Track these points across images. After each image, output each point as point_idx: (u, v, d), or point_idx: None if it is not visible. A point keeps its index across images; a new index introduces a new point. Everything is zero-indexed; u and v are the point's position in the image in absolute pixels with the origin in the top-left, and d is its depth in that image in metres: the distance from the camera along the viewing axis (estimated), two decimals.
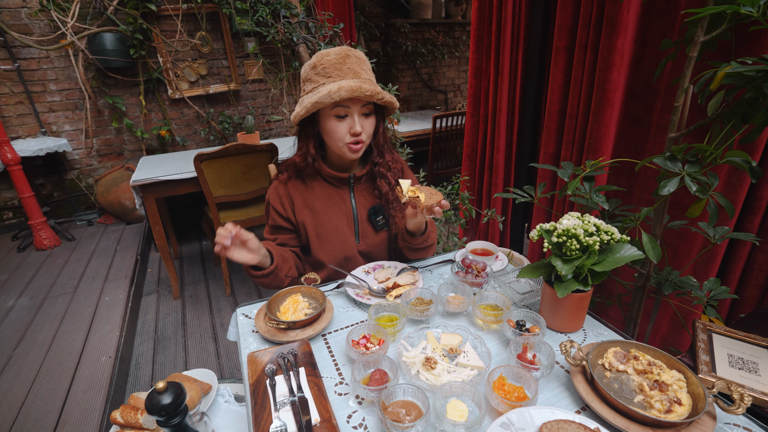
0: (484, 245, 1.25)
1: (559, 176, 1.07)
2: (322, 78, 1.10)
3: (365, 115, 1.13)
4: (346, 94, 1.04)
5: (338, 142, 1.14)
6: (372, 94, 1.07)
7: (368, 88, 1.06)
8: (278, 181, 1.26)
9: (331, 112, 1.10)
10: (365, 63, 1.14)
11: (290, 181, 1.24)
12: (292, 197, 1.24)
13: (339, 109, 1.09)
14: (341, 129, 1.12)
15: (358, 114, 1.11)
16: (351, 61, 1.10)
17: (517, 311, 0.94)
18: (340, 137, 1.13)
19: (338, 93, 1.03)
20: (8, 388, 1.77)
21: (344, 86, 1.04)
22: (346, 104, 1.09)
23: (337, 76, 1.08)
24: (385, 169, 1.24)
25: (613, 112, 1.59)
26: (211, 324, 2.44)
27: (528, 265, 0.98)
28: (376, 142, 1.23)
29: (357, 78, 1.09)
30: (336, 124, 1.11)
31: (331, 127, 1.12)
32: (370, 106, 1.13)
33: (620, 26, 1.45)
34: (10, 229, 3.60)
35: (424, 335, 0.91)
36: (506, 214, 2.30)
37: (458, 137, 3.54)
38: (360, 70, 1.11)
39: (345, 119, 1.11)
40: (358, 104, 1.10)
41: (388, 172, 1.24)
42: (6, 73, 3.30)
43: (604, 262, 0.86)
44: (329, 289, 1.13)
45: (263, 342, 0.93)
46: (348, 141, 1.13)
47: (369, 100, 1.10)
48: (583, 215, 0.90)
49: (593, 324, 0.97)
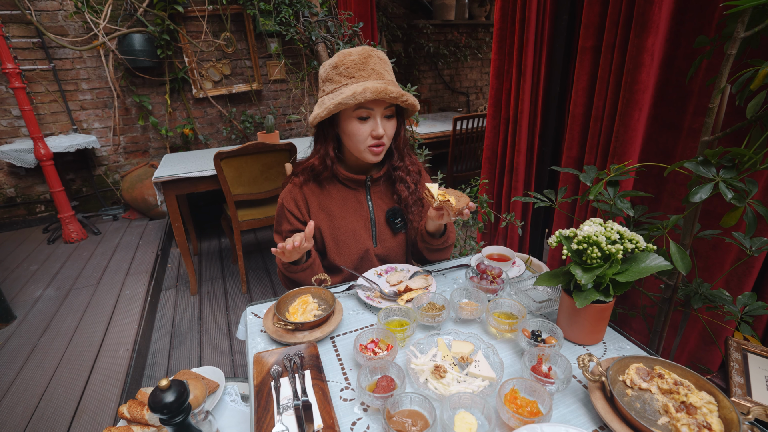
0: (500, 250, 1.21)
1: (581, 180, 1.02)
2: (344, 78, 1.07)
3: (388, 117, 1.11)
4: (372, 96, 1.01)
5: (359, 144, 1.11)
6: (397, 96, 1.05)
7: (393, 90, 1.04)
8: (292, 184, 1.23)
9: (354, 114, 1.08)
10: (387, 64, 1.12)
11: (306, 185, 1.22)
12: (307, 200, 1.22)
13: (362, 110, 1.07)
14: (363, 131, 1.09)
15: (381, 116, 1.09)
16: (374, 61, 1.08)
17: (533, 321, 0.90)
18: (361, 140, 1.10)
19: (363, 94, 1.01)
20: (32, 375, 1.83)
21: (369, 87, 1.01)
22: (370, 106, 1.06)
23: (360, 76, 1.06)
24: (405, 173, 1.22)
25: (641, 114, 1.52)
26: (227, 320, 2.47)
27: (545, 273, 0.94)
28: (396, 145, 1.20)
29: (381, 79, 1.07)
30: (358, 126, 1.08)
31: (353, 129, 1.09)
32: (393, 108, 1.11)
33: (651, 24, 1.39)
34: (42, 221, 3.75)
35: (434, 342, 0.88)
36: (526, 218, 2.24)
37: (479, 139, 3.48)
38: (383, 71, 1.09)
39: (367, 121, 1.09)
40: (381, 106, 1.07)
41: (408, 176, 1.22)
42: (43, 72, 3.45)
43: (628, 272, 0.81)
44: (340, 290, 1.11)
45: (271, 342, 0.92)
46: (370, 144, 1.10)
47: (393, 102, 1.07)
48: (606, 222, 0.85)
49: (614, 337, 0.91)
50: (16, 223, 3.69)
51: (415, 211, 1.25)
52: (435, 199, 1.01)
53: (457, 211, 1.00)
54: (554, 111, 1.99)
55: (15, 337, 2.11)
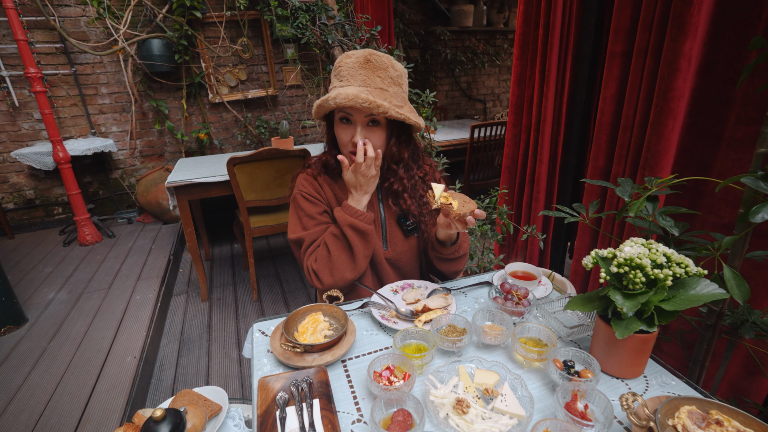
0: (525, 268, 1.12)
1: (619, 195, 0.93)
2: (336, 81, 1.06)
3: (372, 125, 1.05)
4: (343, 102, 0.97)
5: (342, 148, 1.10)
6: (371, 106, 0.97)
7: (366, 98, 0.96)
8: (306, 173, 1.19)
9: (338, 116, 1.07)
10: (388, 70, 1.03)
11: (319, 176, 1.19)
12: (323, 189, 1.18)
13: (342, 114, 1.05)
14: (344, 136, 1.07)
15: (362, 124, 1.04)
16: (368, 66, 1.02)
17: (565, 349, 0.81)
18: (343, 143, 1.09)
19: (335, 99, 0.98)
20: (39, 382, 1.81)
21: (342, 93, 0.97)
22: (349, 112, 1.03)
23: (346, 80, 1.03)
24: (399, 186, 1.15)
25: (675, 123, 1.42)
26: (236, 329, 2.42)
27: (578, 297, 0.85)
28: (385, 155, 1.12)
29: (365, 86, 1.01)
30: (341, 129, 1.07)
31: (337, 132, 1.09)
32: (379, 117, 1.04)
33: (689, 27, 1.30)
34: (59, 223, 3.79)
35: (455, 370, 0.80)
36: (547, 231, 2.14)
37: (497, 148, 3.39)
38: (374, 77, 1.02)
39: (350, 126, 1.06)
40: (361, 114, 1.02)
41: (403, 189, 1.15)
42: (64, 77, 3.50)
43: (675, 299, 0.72)
44: (353, 308, 1.04)
45: (278, 364, 0.86)
46: (350, 149, 1.07)
47: (369, 112, 1.01)
48: (649, 241, 0.76)
49: (656, 370, 0.82)
50: (34, 225, 3.74)
51: (429, 219, 1.18)
52: (436, 200, 0.95)
53: (458, 216, 0.94)
54: (579, 119, 1.90)
55: (25, 340, 2.10)
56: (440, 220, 1.03)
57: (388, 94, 1.02)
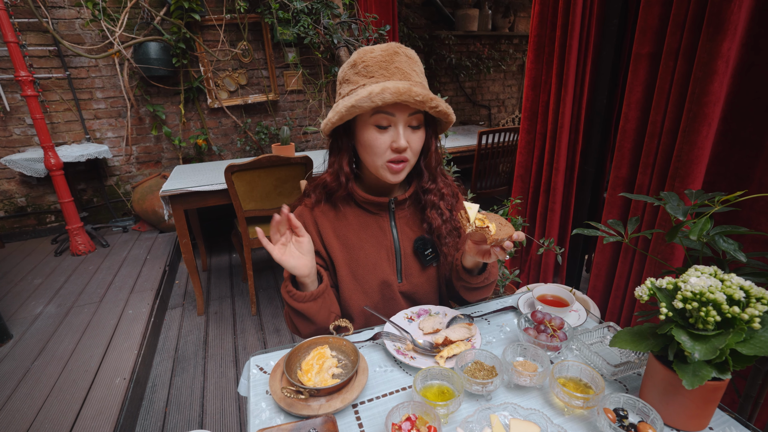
0: (555, 291, 1.01)
1: (669, 212, 0.82)
2: (362, 78, 0.89)
3: (413, 127, 0.91)
4: (391, 98, 0.82)
5: (377, 159, 0.91)
6: (424, 100, 0.85)
7: (420, 92, 0.84)
8: (303, 206, 1.04)
9: (371, 121, 0.89)
10: (417, 64, 0.93)
11: (318, 206, 1.02)
12: (319, 226, 1.02)
13: (380, 117, 0.87)
14: (382, 143, 0.89)
15: (404, 125, 0.89)
16: (400, 59, 0.89)
17: (615, 395, 0.69)
18: (379, 153, 0.90)
19: (381, 96, 0.82)
20: (20, 407, 1.68)
21: (389, 88, 0.82)
22: (390, 111, 0.87)
23: (381, 76, 0.87)
24: (437, 198, 1.01)
25: (710, 130, 1.31)
26: (234, 346, 2.29)
27: (626, 331, 0.73)
28: (426, 164, 1.00)
29: (407, 79, 0.88)
30: (376, 136, 0.89)
31: (370, 140, 0.90)
32: (420, 116, 0.91)
33: (728, 26, 1.19)
34: (52, 232, 3.66)
35: (486, 419, 0.69)
36: (563, 243, 2.03)
37: (504, 155, 3.29)
38: (410, 71, 0.90)
39: (387, 130, 0.89)
40: (404, 113, 0.88)
41: (441, 200, 1.01)
42: (58, 81, 3.39)
43: (754, 340, 0.60)
44: (363, 340, 0.92)
45: (278, 411, 0.74)
46: (389, 158, 0.91)
47: (419, 108, 0.88)
48: (718, 272, 0.65)
49: (723, 420, 0.70)
50: (26, 233, 3.61)
51: (450, 242, 1.03)
52: (471, 223, 0.82)
53: (495, 242, 0.80)
54: (599, 126, 1.79)
55: (8, 359, 1.97)
56: (470, 246, 0.90)
57: (426, 87, 0.92)
